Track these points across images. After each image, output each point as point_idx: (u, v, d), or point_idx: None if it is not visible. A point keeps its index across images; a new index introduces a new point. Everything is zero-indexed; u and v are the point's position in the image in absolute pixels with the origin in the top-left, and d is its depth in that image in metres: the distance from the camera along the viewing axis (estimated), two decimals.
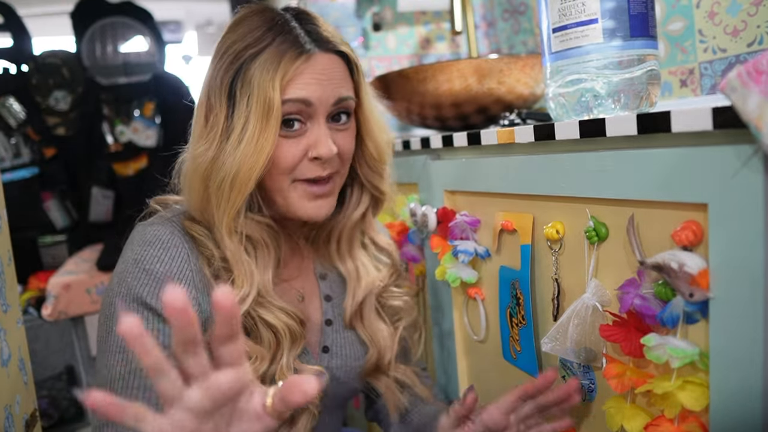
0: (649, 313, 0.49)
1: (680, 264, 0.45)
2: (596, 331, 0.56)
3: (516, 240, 0.70)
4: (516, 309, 0.72)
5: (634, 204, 0.52)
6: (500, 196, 0.73)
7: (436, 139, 0.85)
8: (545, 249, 0.66)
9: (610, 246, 0.57)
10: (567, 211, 0.62)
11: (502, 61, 0.96)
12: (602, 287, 0.57)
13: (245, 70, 0.62)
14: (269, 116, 0.61)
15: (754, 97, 0.37)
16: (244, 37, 0.63)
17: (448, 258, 0.81)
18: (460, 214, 0.79)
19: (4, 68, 1.98)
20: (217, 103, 0.64)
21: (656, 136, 0.50)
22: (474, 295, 0.81)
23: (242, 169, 0.61)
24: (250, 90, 0.61)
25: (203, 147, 0.64)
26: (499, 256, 0.76)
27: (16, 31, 1.98)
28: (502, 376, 0.80)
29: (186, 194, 0.67)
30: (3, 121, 1.95)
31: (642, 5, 0.58)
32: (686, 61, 0.92)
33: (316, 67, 0.63)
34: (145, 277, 0.61)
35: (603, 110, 0.59)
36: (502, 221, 0.72)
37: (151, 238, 0.63)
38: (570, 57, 0.60)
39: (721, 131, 0.42)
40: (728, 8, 0.83)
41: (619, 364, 0.53)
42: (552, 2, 0.61)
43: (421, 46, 1.51)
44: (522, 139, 0.66)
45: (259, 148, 0.61)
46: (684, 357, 0.45)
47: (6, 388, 0.84)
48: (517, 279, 0.70)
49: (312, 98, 0.63)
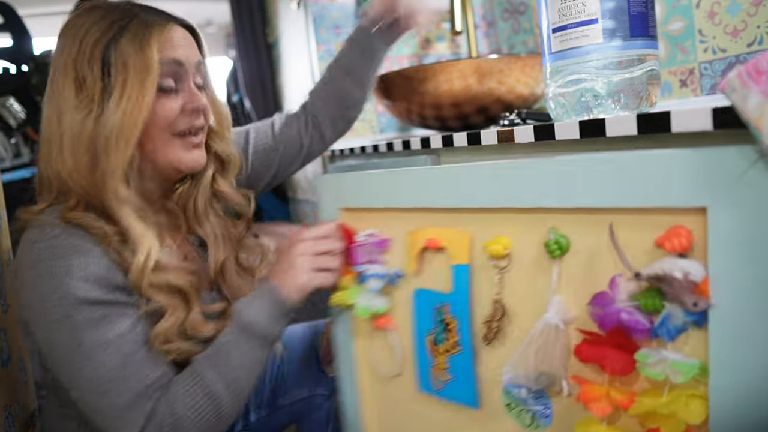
0: (640, 328, 0.46)
1: (684, 272, 0.42)
2: (559, 353, 0.52)
3: (442, 259, 0.65)
4: (444, 335, 0.66)
5: (601, 212, 0.49)
6: (419, 211, 0.67)
7: (436, 139, 0.85)
8: (484, 267, 0.61)
9: (568, 260, 0.53)
10: (513, 224, 0.57)
11: (502, 61, 0.96)
12: (565, 305, 0.53)
13: (117, 40, 0.68)
14: (148, 74, 0.67)
15: (754, 97, 0.37)
16: (103, 18, 0.69)
17: (352, 286, 0.73)
18: (364, 234, 0.73)
19: (4, 68, 1.98)
20: (88, 73, 0.67)
21: (655, 137, 0.50)
22: (383, 325, 0.73)
23: (126, 123, 0.66)
24: (125, 55, 0.67)
25: (81, 115, 0.67)
26: (416, 278, 0.69)
27: (16, 31, 1.98)
28: (422, 410, 0.72)
29: (70, 170, 0.68)
30: (3, 121, 1.95)
31: (642, 5, 0.57)
32: (686, 61, 0.92)
33: (177, 33, 0.72)
34: (87, 283, 0.64)
35: (603, 110, 0.59)
36: (427, 239, 0.65)
37: (64, 251, 0.65)
38: (570, 57, 0.60)
39: (721, 131, 0.42)
40: (728, 8, 0.83)
41: (596, 386, 0.49)
42: (552, 2, 0.61)
43: (421, 46, 1.51)
44: (522, 139, 0.65)
45: (140, 103, 0.67)
46: (688, 371, 0.43)
47: (6, 388, 0.84)
48: (446, 303, 0.65)
49: (182, 58, 0.71)
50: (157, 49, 0.68)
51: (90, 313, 0.64)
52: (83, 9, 0.72)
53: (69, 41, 0.69)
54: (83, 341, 0.64)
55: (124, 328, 0.66)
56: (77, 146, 0.67)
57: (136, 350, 0.66)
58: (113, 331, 0.65)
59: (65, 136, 0.68)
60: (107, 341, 0.64)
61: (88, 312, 0.64)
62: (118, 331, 0.65)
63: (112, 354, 0.64)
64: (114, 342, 0.65)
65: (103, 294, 0.65)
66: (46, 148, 0.70)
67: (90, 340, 0.64)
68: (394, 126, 1.50)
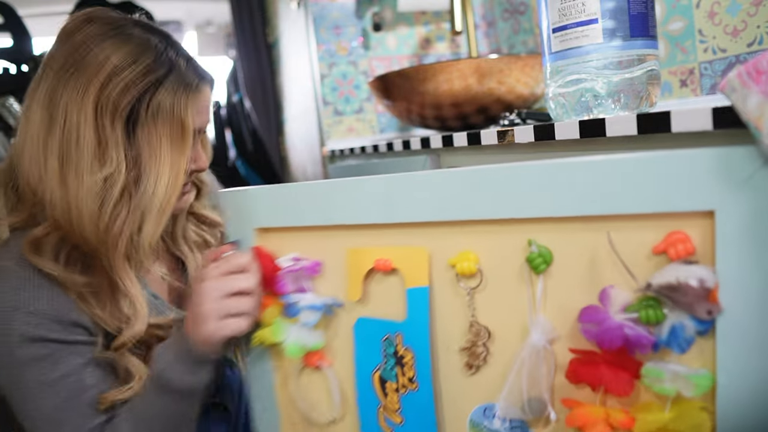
0: (645, 343, 0.42)
1: (700, 280, 0.40)
2: (546, 376, 0.47)
3: (393, 282, 0.56)
4: (395, 371, 0.56)
5: (583, 221, 0.45)
6: (361, 228, 0.57)
7: (436, 139, 0.85)
8: (449, 288, 0.53)
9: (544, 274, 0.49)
10: (478, 237, 0.51)
11: (502, 61, 0.96)
12: (549, 324, 0.48)
13: (151, 96, 0.62)
14: (185, 144, 0.65)
15: (754, 97, 0.36)
16: (132, 59, 0.62)
17: (277, 320, 0.61)
18: (287, 258, 0.61)
19: (4, 68, 1.98)
20: (108, 124, 0.61)
21: (655, 137, 0.50)
22: (317, 362, 0.62)
23: (167, 194, 0.64)
24: (161, 117, 0.63)
25: (107, 172, 0.61)
26: (362, 306, 0.59)
27: (16, 31, 1.98)
28: None
29: (72, 217, 0.61)
30: (3, 121, 1.95)
31: (642, 5, 0.57)
32: (686, 61, 0.92)
33: (206, 95, 0.70)
34: (34, 318, 0.61)
35: (603, 110, 0.59)
36: (375, 260, 0.56)
37: (14, 283, 0.61)
38: (570, 57, 0.60)
39: (721, 131, 0.42)
40: (728, 8, 0.83)
41: (592, 408, 0.45)
42: (552, 2, 0.61)
43: (421, 46, 1.51)
44: (522, 139, 0.65)
45: (178, 174, 0.65)
46: (704, 383, 0.40)
47: None
48: (399, 333, 0.55)
49: (203, 126, 0.70)
50: (193, 117, 0.65)
51: (35, 350, 0.60)
52: (102, 23, 0.64)
53: (87, 71, 0.61)
54: (23, 379, 0.61)
55: (71, 368, 0.62)
56: (100, 205, 0.61)
57: (77, 394, 0.62)
58: (58, 371, 0.61)
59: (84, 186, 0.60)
60: (49, 382, 0.61)
61: (32, 349, 0.60)
62: (63, 371, 0.61)
63: (50, 397, 0.61)
64: (56, 383, 0.61)
65: (50, 331, 0.61)
66: (32, 167, 0.62)
67: (31, 379, 0.61)
68: (394, 126, 1.50)
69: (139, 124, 0.63)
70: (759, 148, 0.38)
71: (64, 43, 0.64)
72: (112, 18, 0.66)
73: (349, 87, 1.46)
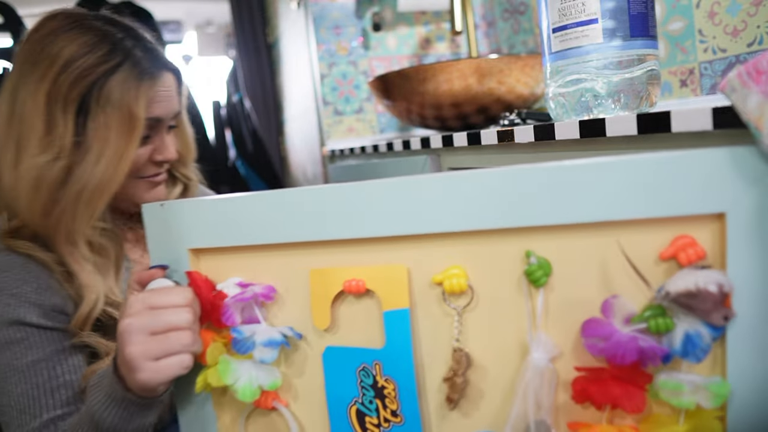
0: (659, 354, 0.40)
1: (719, 285, 0.38)
2: (548, 397, 0.44)
3: (366, 305, 0.50)
4: (376, 404, 0.50)
5: (587, 228, 0.42)
6: (323, 245, 0.49)
7: (436, 139, 0.85)
8: (435, 308, 0.47)
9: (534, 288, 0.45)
10: (462, 249, 0.46)
11: (502, 61, 0.96)
12: (551, 341, 0.44)
13: (101, 86, 0.64)
14: (133, 133, 0.65)
15: (754, 97, 0.36)
16: (86, 49, 0.64)
17: (223, 357, 0.52)
18: (230, 284, 0.52)
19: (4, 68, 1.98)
20: (60, 117, 0.63)
21: (655, 137, 0.50)
22: (272, 403, 0.53)
23: (104, 180, 0.64)
24: (110, 106, 0.64)
25: (47, 157, 0.63)
26: (331, 334, 0.51)
27: (16, 31, 1.98)
28: None
29: (23, 205, 0.64)
30: None
31: (642, 5, 0.57)
32: (686, 61, 0.92)
33: (165, 84, 0.69)
34: (16, 301, 0.62)
35: (603, 110, 0.59)
36: (344, 282, 0.48)
37: (1, 263, 0.64)
38: (570, 57, 0.60)
39: (721, 131, 0.42)
40: (728, 8, 0.83)
41: (602, 428, 0.42)
42: (552, 2, 0.61)
43: (421, 46, 1.51)
44: (522, 139, 0.65)
45: (121, 161, 0.65)
46: (723, 392, 0.39)
47: None
48: (377, 361, 0.49)
49: (162, 115, 0.69)
50: (144, 106, 0.66)
51: (10, 333, 0.62)
52: (63, 18, 0.67)
53: (43, 64, 0.63)
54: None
55: (42, 354, 0.62)
56: (38, 186, 0.63)
57: (43, 382, 0.61)
58: (29, 356, 0.62)
59: (23, 170, 0.63)
60: (18, 367, 0.61)
61: (7, 332, 0.62)
62: (34, 358, 0.62)
63: (18, 383, 0.61)
64: (25, 370, 0.61)
65: (29, 315, 0.62)
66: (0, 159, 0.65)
67: (2, 363, 0.61)
68: (394, 126, 1.50)
69: (90, 114, 0.64)
70: (759, 148, 0.38)
71: (28, 40, 0.67)
72: (74, 13, 0.68)
73: (349, 87, 1.46)
